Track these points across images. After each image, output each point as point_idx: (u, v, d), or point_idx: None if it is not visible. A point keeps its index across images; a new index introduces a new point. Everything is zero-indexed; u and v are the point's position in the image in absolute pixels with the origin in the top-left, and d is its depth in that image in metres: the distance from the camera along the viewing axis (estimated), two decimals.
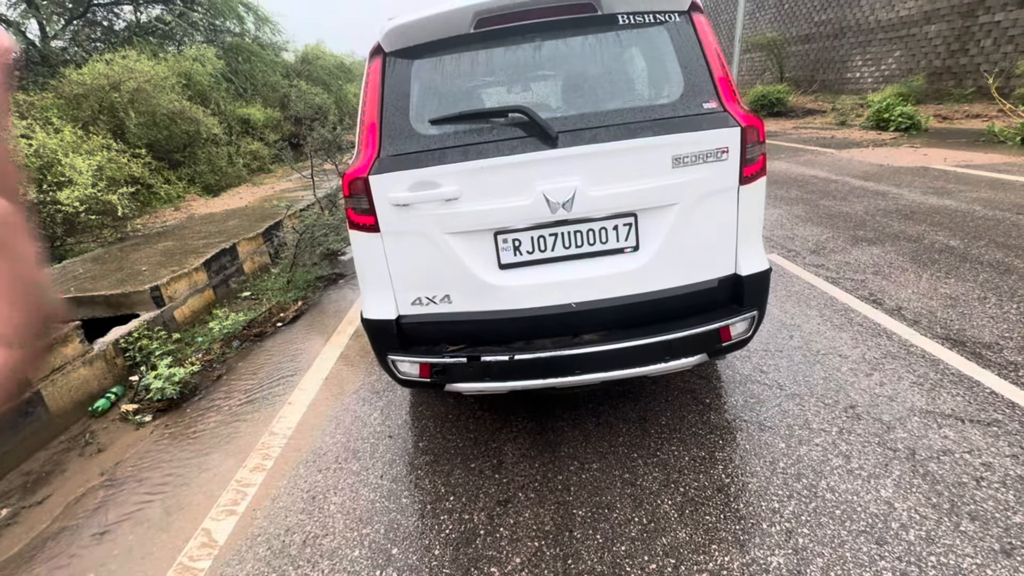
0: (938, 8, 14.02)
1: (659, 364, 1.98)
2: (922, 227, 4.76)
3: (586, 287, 1.95)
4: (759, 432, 2.34)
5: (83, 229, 5.72)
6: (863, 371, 2.70)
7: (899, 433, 2.23)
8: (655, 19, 1.90)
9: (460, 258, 1.92)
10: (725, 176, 1.87)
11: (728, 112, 1.85)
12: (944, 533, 1.75)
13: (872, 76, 16.51)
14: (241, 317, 4.15)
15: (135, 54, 9.71)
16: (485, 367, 1.99)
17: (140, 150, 8.18)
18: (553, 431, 2.52)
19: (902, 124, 10.63)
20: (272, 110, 14.05)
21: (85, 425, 3.06)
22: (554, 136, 1.76)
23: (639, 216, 1.89)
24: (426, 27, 1.88)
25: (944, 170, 6.86)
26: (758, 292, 2.04)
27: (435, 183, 1.83)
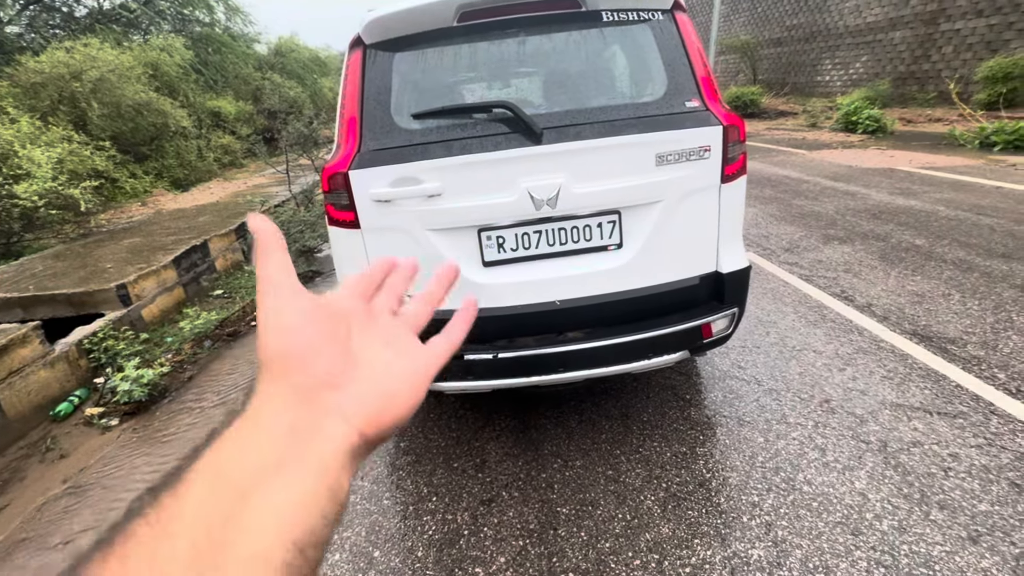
0: (902, 15, 14.53)
1: (642, 361, 1.99)
2: (890, 226, 4.93)
3: (570, 284, 1.94)
4: (738, 427, 2.38)
5: (42, 225, 5.45)
6: (837, 366, 2.77)
7: (871, 426, 2.30)
8: (639, 17, 1.90)
9: (443, 255, 1.89)
10: (707, 174, 1.88)
11: (710, 111, 1.86)
12: (915, 522, 1.81)
13: (841, 80, 17.03)
14: (213, 316, 4.02)
15: (98, 42, 9.30)
16: (468, 366, 1.97)
17: (104, 142, 7.85)
18: (536, 429, 2.51)
19: (869, 127, 10.99)
20: (244, 103, 13.68)
21: (46, 430, 2.92)
22: (539, 132, 1.75)
23: (623, 213, 1.89)
24: (408, 19, 1.84)
25: (909, 172, 7.11)
26: (738, 290, 2.07)
27: (417, 179, 1.79)
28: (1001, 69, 10.72)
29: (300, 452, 0.26)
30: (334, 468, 0.27)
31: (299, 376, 0.29)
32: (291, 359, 0.30)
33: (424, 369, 0.34)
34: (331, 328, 0.32)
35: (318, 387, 0.29)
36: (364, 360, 0.32)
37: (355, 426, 0.29)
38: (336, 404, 0.29)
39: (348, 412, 0.29)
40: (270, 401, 0.28)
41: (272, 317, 0.31)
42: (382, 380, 0.32)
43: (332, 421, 0.28)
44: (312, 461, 0.26)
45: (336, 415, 0.29)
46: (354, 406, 0.30)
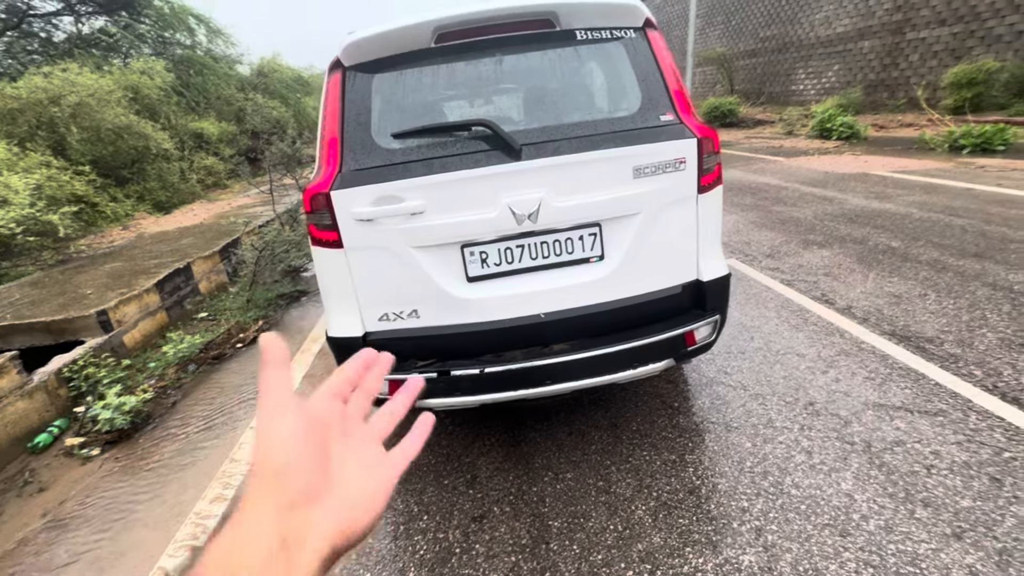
0: (870, 25, 15.05)
1: (628, 371, 2.01)
2: (866, 230, 5.05)
3: (554, 297, 1.96)
4: (726, 433, 2.40)
5: (20, 252, 5.35)
6: (820, 369, 2.82)
7: (855, 427, 2.34)
8: (611, 35, 1.95)
9: (427, 272, 1.90)
10: (684, 186, 1.93)
11: (684, 124, 1.91)
12: (901, 521, 1.83)
13: (814, 88, 17.52)
14: (198, 339, 3.96)
15: (76, 67, 9.24)
16: (455, 382, 1.97)
17: (83, 167, 7.76)
18: (526, 442, 2.51)
19: (843, 133, 11.29)
20: (227, 124, 13.64)
21: (24, 463, 2.84)
22: (518, 149, 1.78)
23: (603, 226, 1.92)
24: (386, 41, 1.87)
25: (883, 176, 7.31)
26: (719, 297, 2.11)
27: (399, 197, 1.81)
28: (966, 75, 11.13)
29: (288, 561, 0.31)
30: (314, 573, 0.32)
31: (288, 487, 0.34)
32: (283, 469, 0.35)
33: (384, 487, 0.39)
34: (315, 443, 0.37)
35: (303, 498, 0.34)
36: (338, 476, 0.37)
37: (328, 540, 0.34)
38: (316, 519, 0.34)
39: (322, 528, 0.34)
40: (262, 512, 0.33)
41: (269, 432, 0.36)
42: (351, 497, 0.36)
43: (310, 535, 0.33)
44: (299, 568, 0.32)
45: (313, 530, 0.33)
46: (328, 522, 0.34)
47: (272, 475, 0.34)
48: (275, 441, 0.36)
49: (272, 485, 0.34)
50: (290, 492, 0.34)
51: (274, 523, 0.32)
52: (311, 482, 0.35)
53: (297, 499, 0.34)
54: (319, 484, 0.36)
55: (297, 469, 0.35)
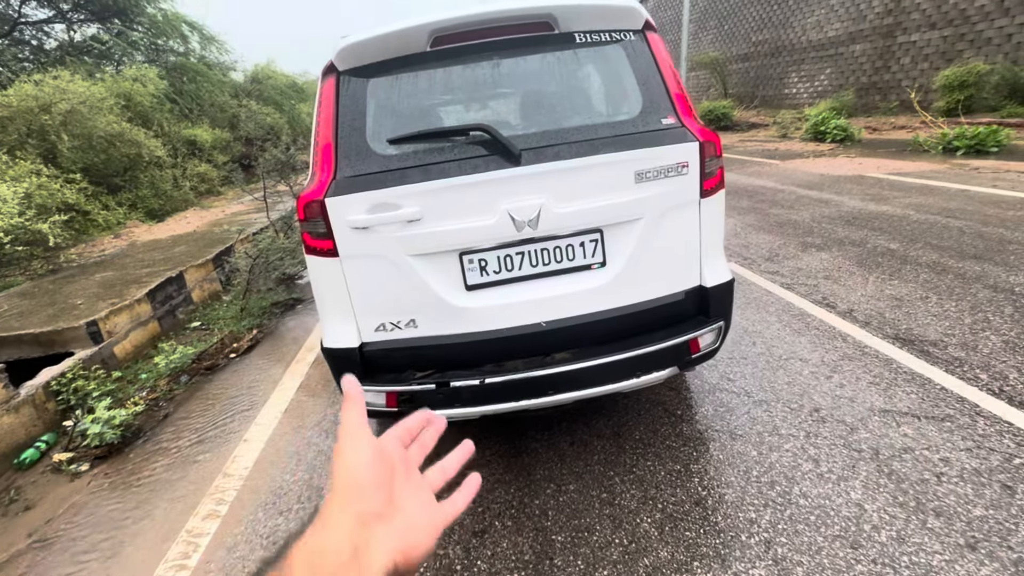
0: (861, 29, 15.17)
1: (632, 380, 1.96)
2: (864, 232, 5.04)
3: (555, 305, 1.91)
4: (731, 441, 2.36)
5: (9, 262, 5.26)
6: (823, 374, 2.78)
7: (862, 434, 2.29)
8: (611, 38, 1.92)
9: (425, 281, 1.85)
10: (686, 190, 1.89)
11: (686, 128, 1.88)
12: (913, 532, 1.79)
13: (807, 91, 17.64)
14: (190, 350, 3.89)
15: (68, 74, 9.16)
16: (455, 393, 1.92)
17: (74, 175, 7.67)
18: (527, 453, 2.46)
19: (837, 136, 11.34)
20: (221, 131, 13.57)
21: (9, 480, 2.75)
22: (517, 154, 1.73)
23: (605, 232, 1.88)
24: (381, 45, 1.83)
25: (879, 178, 7.32)
26: (723, 303, 2.07)
27: (395, 204, 1.76)
28: (957, 78, 11.21)
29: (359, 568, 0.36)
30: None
31: (364, 504, 0.40)
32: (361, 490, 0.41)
33: (437, 525, 0.44)
34: (386, 472, 0.44)
35: (373, 517, 0.40)
36: (400, 506, 0.42)
37: (392, 557, 0.38)
38: (382, 536, 0.39)
39: (388, 545, 0.39)
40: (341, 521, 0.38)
41: (350, 455, 0.42)
42: (412, 525, 0.42)
43: (378, 549, 0.38)
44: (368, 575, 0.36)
45: (380, 546, 0.38)
46: (393, 540, 0.39)
47: (354, 490, 0.40)
48: (356, 463, 0.42)
49: (353, 499, 0.40)
50: (366, 507, 0.39)
51: (350, 533, 0.37)
52: (382, 503, 0.41)
53: (370, 516, 0.39)
54: (387, 507, 0.41)
55: (373, 489, 0.41)
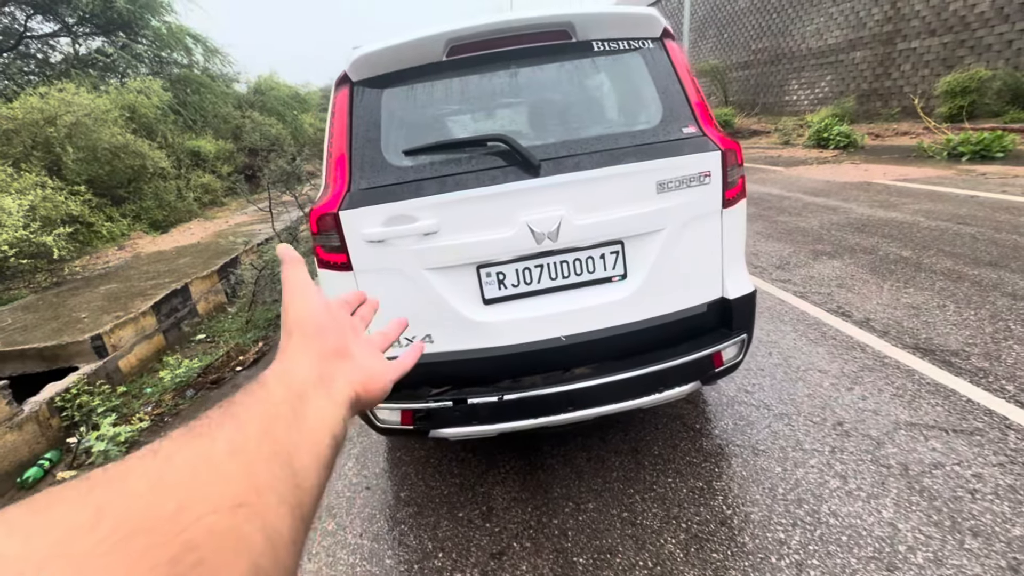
0: (861, 36, 15.23)
1: (654, 395, 1.91)
2: (875, 239, 4.99)
3: (575, 319, 1.86)
4: (754, 457, 2.29)
5: (13, 275, 5.23)
6: (844, 386, 2.72)
7: (889, 448, 2.23)
8: (629, 46, 1.89)
9: (441, 295, 1.80)
10: (709, 200, 1.85)
11: (707, 136, 1.84)
12: (951, 553, 1.72)
13: (808, 98, 17.68)
14: (195, 363, 3.84)
15: (73, 87, 9.21)
16: (472, 410, 1.86)
17: (79, 187, 7.67)
18: (543, 470, 2.39)
19: (841, 142, 11.33)
20: (224, 142, 13.62)
21: (12, 500, 2.69)
22: (537, 164, 1.69)
23: (626, 243, 1.83)
24: (395, 55, 1.80)
25: (885, 184, 7.29)
26: (746, 315, 2.02)
27: (412, 217, 1.72)
28: (959, 84, 11.22)
29: (327, 390, 0.38)
30: (344, 407, 0.39)
31: (321, 342, 0.42)
32: (317, 329, 0.42)
33: (388, 373, 0.47)
34: (338, 321, 0.46)
35: (332, 353, 0.42)
36: (354, 352, 0.45)
37: (353, 387, 0.41)
38: (343, 369, 0.42)
39: (349, 377, 0.42)
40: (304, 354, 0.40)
41: (302, 302, 0.44)
42: (367, 366, 0.45)
43: (340, 379, 0.41)
44: (334, 398, 0.39)
45: (342, 376, 0.41)
46: (352, 374, 0.42)
47: (312, 331, 0.42)
48: (310, 308, 0.43)
49: (311, 338, 0.42)
50: (324, 346, 0.42)
51: (314, 365, 0.40)
52: (338, 344, 0.43)
53: (328, 353, 0.42)
54: (343, 349, 0.44)
55: (328, 331, 0.43)
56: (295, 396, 0.35)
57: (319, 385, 0.38)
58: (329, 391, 0.38)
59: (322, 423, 0.35)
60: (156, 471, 0.25)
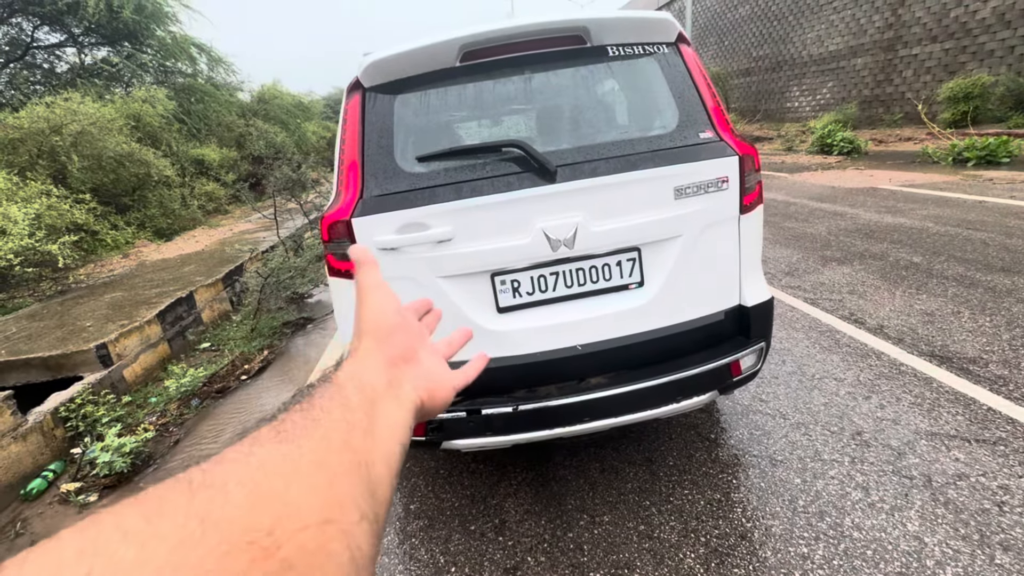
0: (862, 43, 15.28)
1: (672, 405, 1.86)
2: (884, 245, 4.95)
3: (591, 327, 1.83)
4: (771, 467, 2.24)
5: (18, 283, 5.21)
6: (861, 394, 2.67)
7: (911, 459, 2.18)
8: (644, 51, 1.86)
9: (455, 303, 1.77)
10: (726, 206, 1.82)
11: (725, 141, 1.81)
12: (981, 569, 1.67)
13: (809, 105, 17.71)
14: (200, 372, 3.80)
15: (79, 96, 9.25)
16: (486, 421, 1.82)
17: (84, 195, 7.68)
18: (556, 481, 2.34)
19: (844, 148, 11.33)
20: (228, 150, 13.67)
21: (16, 512, 2.65)
22: (553, 170, 1.67)
23: (643, 250, 1.80)
24: (408, 61, 1.78)
25: (891, 190, 7.26)
26: (764, 322, 1.98)
27: (425, 224, 1.69)
28: (962, 89, 11.22)
29: (395, 395, 0.39)
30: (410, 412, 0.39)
31: (391, 346, 0.42)
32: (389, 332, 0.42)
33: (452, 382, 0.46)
34: (409, 325, 0.46)
35: (400, 358, 0.42)
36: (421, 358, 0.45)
37: (419, 392, 0.41)
38: (410, 374, 0.41)
39: (416, 383, 0.41)
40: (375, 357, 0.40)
41: (376, 304, 0.44)
42: (433, 373, 0.44)
43: (407, 384, 0.40)
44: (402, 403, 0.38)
45: (409, 382, 0.41)
46: (419, 380, 0.42)
47: (384, 334, 0.42)
48: (383, 310, 0.43)
49: (382, 341, 0.42)
50: (394, 350, 0.41)
51: (384, 369, 0.40)
52: (407, 348, 0.43)
53: (397, 357, 0.42)
54: (411, 354, 0.43)
55: (399, 335, 0.43)
56: (368, 402, 0.36)
57: (388, 389, 0.38)
58: (398, 395, 0.39)
59: (392, 431, 0.36)
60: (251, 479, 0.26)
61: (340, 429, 0.31)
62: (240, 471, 0.26)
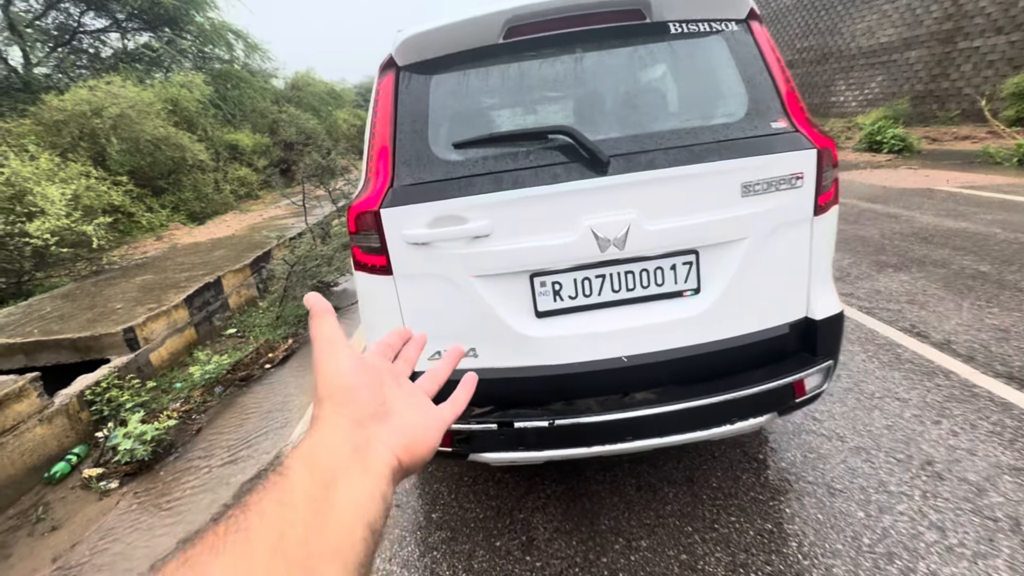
0: (917, 35, 14.39)
1: (725, 426, 1.67)
2: (945, 251, 4.57)
3: (639, 337, 1.64)
4: (830, 497, 2.02)
5: (55, 262, 5.31)
6: (929, 418, 2.41)
7: (993, 497, 1.93)
8: (710, 28, 1.65)
9: (489, 305, 1.61)
10: (799, 205, 1.60)
11: (801, 132, 1.59)
12: None
13: (856, 100, 16.85)
14: (225, 359, 3.77)
15: (120, 80, 9.44)
16: (519, 434, 1.66)
17: (121, 177, 7.83)
18: (588, 497, 2.18)
19: (895, 146, 10.70)
20: (261, 136, 13.83)
21: (39, 495, 2.64)
22: (605, 162, 1.48)
23: (701, 253, 1.60)
24: (447, 37, 1.61)
25: (950, 191, 6.76)
26: (833, 338, 1.76)
27: (461, 217, 1.53)
28: None
29: (362, 464, 0.35)
30: (384, 479, 0.35)
31: (354, 407, 0.39)
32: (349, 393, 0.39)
33: (436, 425, 0.43)
34: (373, 378, 0.42)
35: (368, 418, 0.39)
36: (395, 408, 0.41)
37: (394, 452, 0.38)
38: (382, 434, 0.38)
39: (389, 441, 0.38)
40: (335, 423, 0.37)
41: (331, 363, 0.40)
42: (409, 425, 0.41)
43: (379, 445, 0.37)
44: (371, 471, 0.35)
45: (381, 442, 0.38)
46: (393, 437, 0.39)
47: (343, 396, 0.38)
48: (340, 369, 0.40)
49: (344, 404, 0.38)
50: (359, 410, 0.38)
51: (347, 433, 0.36)
52: (375, 405, 0.40)
53: (364, 417, 0.38)
54: (381, 407, 0.40)
55: (363, 392, 0.40)
56: (320, 486, 0.32)
57: (353, 459, 0.35)
58: (365, 464, 0.35)
59: (354, 513, 0.32)
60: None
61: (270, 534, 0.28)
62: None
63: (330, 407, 0.37)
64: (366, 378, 0.40)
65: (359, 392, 0.39)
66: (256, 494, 0.30)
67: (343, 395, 0.38)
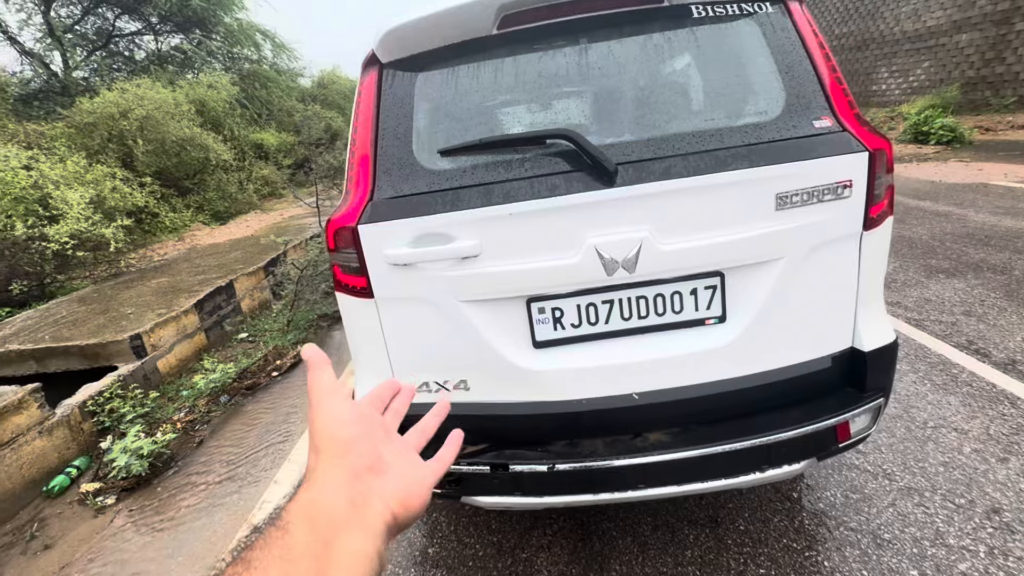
0: (969, 17, 13.45)
1: (754, 474, 1.44)
2: (1005, 255, 4.14)
3: (652, 371, 1.43)
4: (876, 549, 1.76)
5: (75, 265, 5.38)
6: (993, 454, 2.11)
7: None
8: (739, 10, 1.41)
9: (481, 333, 1.42)
10: (846, 219, 1.35)
11: (849, 131, 1.34)
12: None
13: (900, 88, 15.91)
14: (231, 367, 3.69)
15: (150, 81, 9.62)
16: (515, 478, 1.47)
17: (147, 178, 7.96)
18: (598, 537, 1.97)
19: (943, 137, 10.01)
20: (286, 135, 13.97)
21: (36, 511, 2.60)
22: (612, 170, 1.27)
23: (727, 276, 1.37)
24: (433, 29, 1.42)
25: (1008, 187, 6.21)
26: (884, 371, 1.50)
27: (447, 235, 1.35)
28: None
29: (360, 519, 0.35)
30: (380, 536, 0.36)
31: (352, 458, 0.39)
32: (347, 444, 0.40)
33: (426, 481, 0.42)
34: (370, 429, 0.43)
35: (365, 470, 0.39)
36: (389, 461, 0.42)
37: (389, 507, 0.38)
38: (377, 487, 0.38)
39: (385, 496, 0.38)
40: (333, 474, 0.37)
41: (329, 414, 0.41)
42: (404, 478, 0.41)
43: (375, 500, 0.38)
44: (369, 527, 0.35)
45: (377, 496, 0.38)
46: (389, 491, 0.39)
47: (341, 447, 0.39)
48: (338, 420, 0.41)
49: (342, 456, 0.39)
50: (357, 462, 0.39)
51: (344, 486, 0.37)
52: (372, 457, 0.40)
53: (362, 469, 0.39)
54: (378, 460, 0.40)
55: (361, 444, 0.40)
56: (321, 543, 0.32)
57: (351, 513, 0.35)
58: (362, 519, 0.35)
59: (355, 567, 0.32)
60: None
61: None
62: None
63: (328, 458, 0.38)
64: (363, 430, 0.41)
65: (357, 444, 0.40)
66: (257, 550, 0.31)
67: (341, 447, 0.39)
